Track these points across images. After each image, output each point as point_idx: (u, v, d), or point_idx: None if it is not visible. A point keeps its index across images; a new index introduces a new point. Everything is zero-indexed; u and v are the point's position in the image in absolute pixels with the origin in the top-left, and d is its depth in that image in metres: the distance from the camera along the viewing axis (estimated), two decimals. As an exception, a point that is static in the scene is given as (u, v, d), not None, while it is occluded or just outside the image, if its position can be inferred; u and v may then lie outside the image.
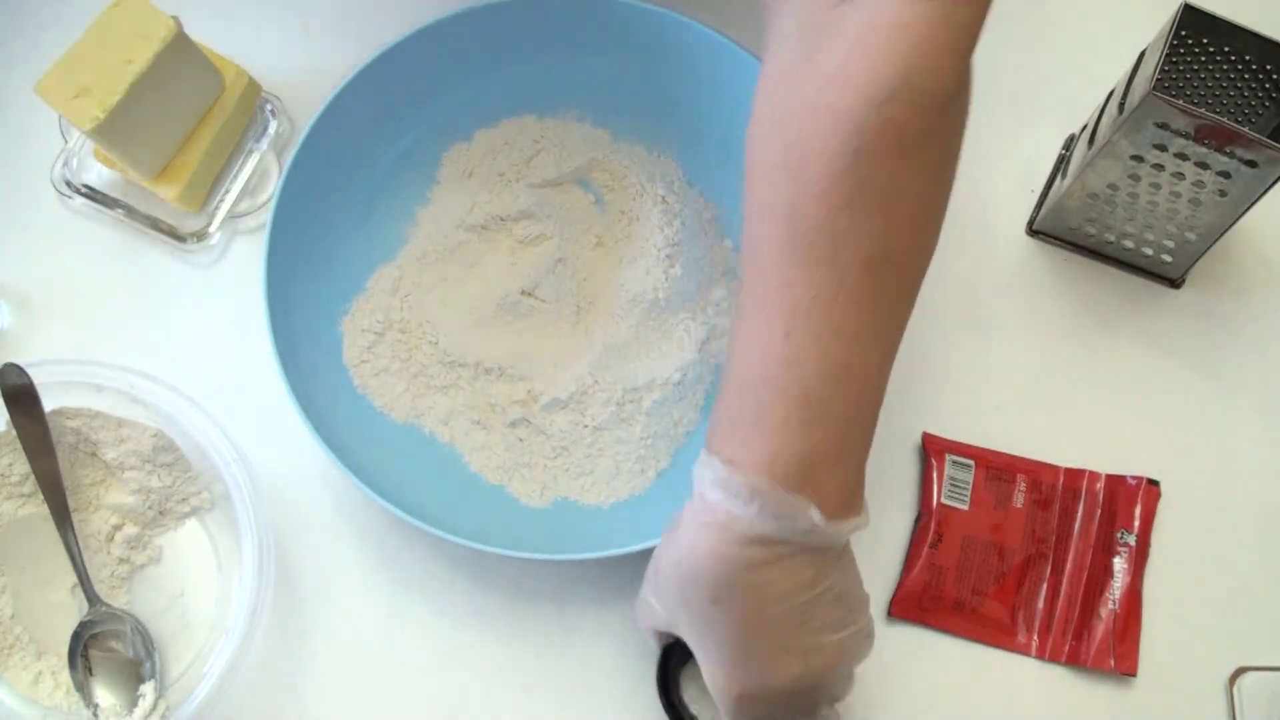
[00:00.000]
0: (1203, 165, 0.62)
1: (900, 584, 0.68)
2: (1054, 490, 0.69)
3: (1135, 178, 0.66)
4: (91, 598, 0.65)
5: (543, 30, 0.69)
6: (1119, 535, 0.68)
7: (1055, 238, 0.74)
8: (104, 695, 0.64)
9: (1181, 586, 0.68)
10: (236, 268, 0.73)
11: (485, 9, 0.68)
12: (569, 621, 0.68)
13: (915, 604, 0.68)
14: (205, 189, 0.72)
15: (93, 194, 0.72)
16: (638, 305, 0.70)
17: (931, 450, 0.70)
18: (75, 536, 0.65)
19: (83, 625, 0.65)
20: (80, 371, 0.66)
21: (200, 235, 0.72)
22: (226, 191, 0.72)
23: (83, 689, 0.64)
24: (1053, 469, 0.70)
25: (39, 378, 0.65)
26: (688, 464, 0.68)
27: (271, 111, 0.73)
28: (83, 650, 0.64)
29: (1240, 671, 0.67)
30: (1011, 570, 0.68)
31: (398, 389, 0.69)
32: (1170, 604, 0.68)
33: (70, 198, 0.72)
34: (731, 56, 0.67)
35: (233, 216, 0.72)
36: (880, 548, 0.69)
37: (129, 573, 0.67)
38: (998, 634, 0.68)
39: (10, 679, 0.65)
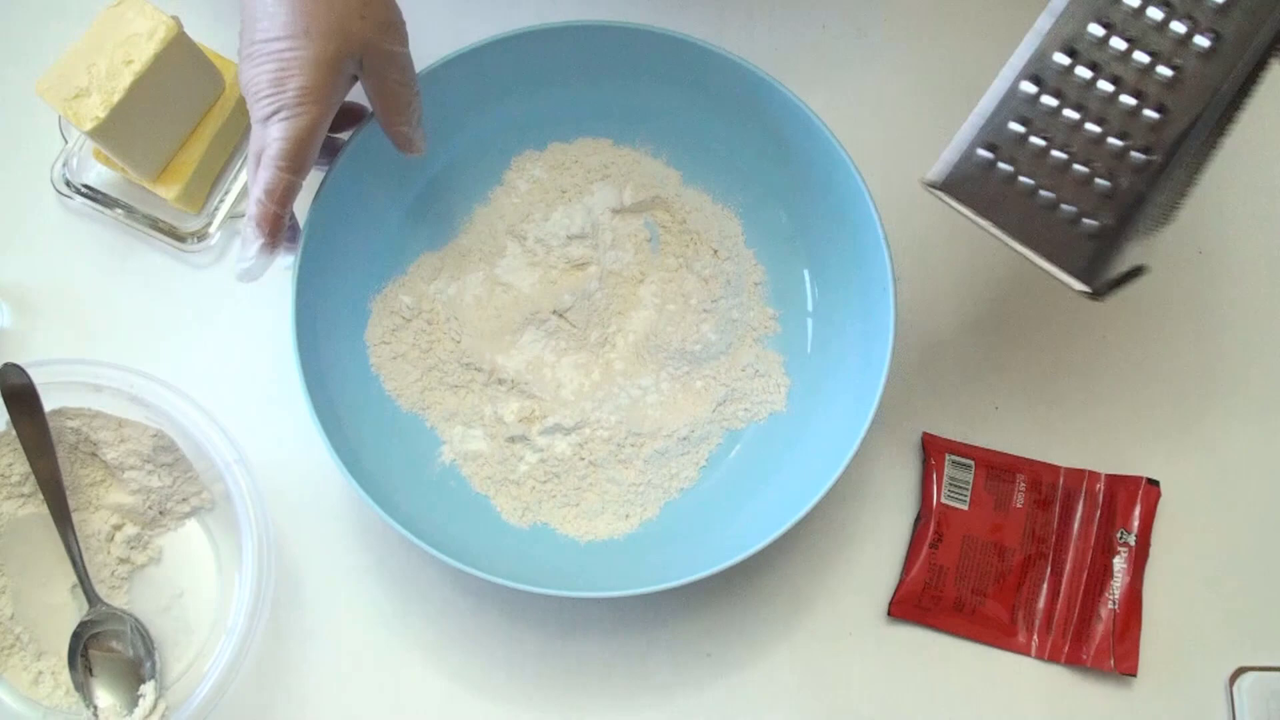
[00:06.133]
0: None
1: (900, 584, 0.68)
2: (1054, 490, 0.69)
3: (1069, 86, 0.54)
4: (91, 598, 0.65)
5: (638, 61, 0.68)
6: (1119, 535, 0.68)
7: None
8: (104, 695, 0.64)
9: (1181, 586, 0.69)
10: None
11: (585, 28, 0.67)
12: (551, 638, 0.68)
13: (915, 604, 0.68)
14: (205, 189, 0.72)
15: (93, 194, 0.72)
16: (663, 352, 0.69)
17: (931, 450, 0.70)
18: (75, 536, 0.65)
19: (83, 625, 0.65)
20: (80, 371, 0.66)
21: (200, 235, 0.72)
22: (226, 191, 0.72)
23: (83, 689, 0.64)
24: (1053, 469, 0.70)
25: (39, 378, 0.65)
26: (675, 518, 0.68)
27: (272, 111, 0.73)
28: (83, 650, 0.64)
29: (1240, 671, 0.67)
30: (1011, 570, 0.68)
31: (410, 377, 0.69)
32: (1170, 604, 0.68)
33: (70, 198, 0.72)
34: (811, 130, 0.66)
35: (232, 216, 0.72)
36: (880, 548, 0.69)
37: (129, 573, 0.67)
38: (998, 634, 0.68)
39: (10, 679, 0.65)
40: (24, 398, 0.65)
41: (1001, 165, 0.54)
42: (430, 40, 0.64)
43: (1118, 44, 0.52)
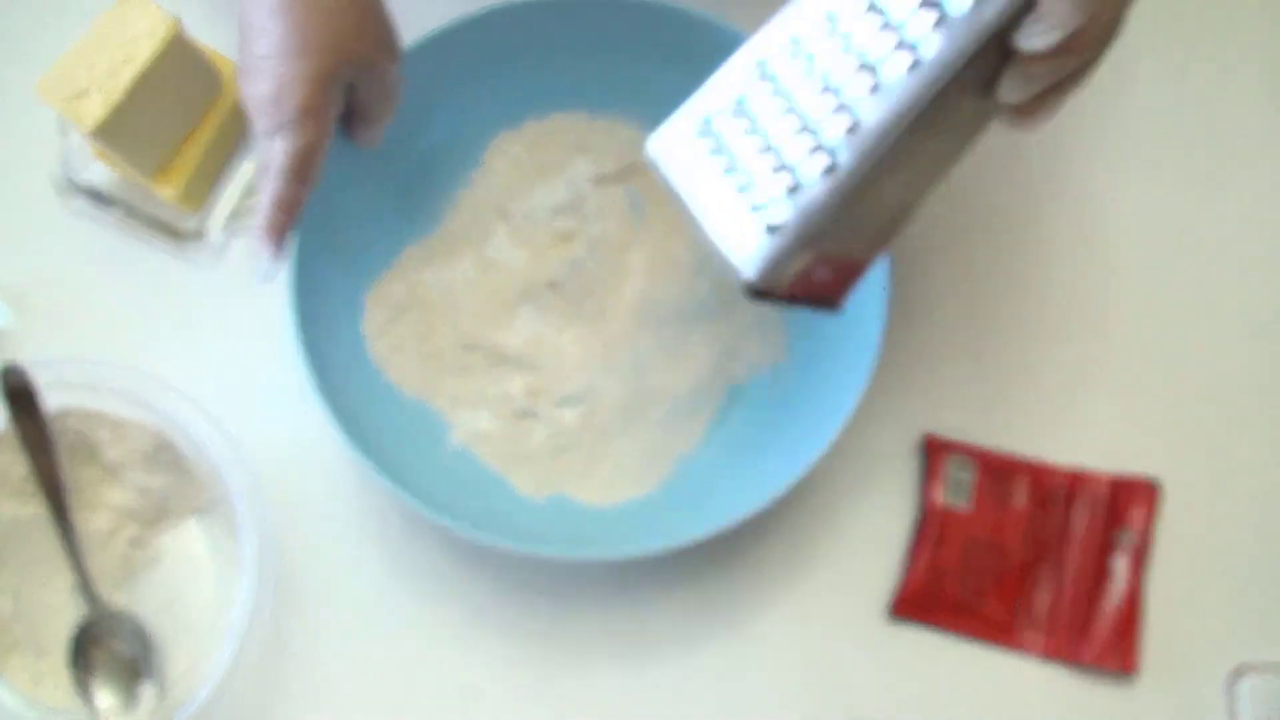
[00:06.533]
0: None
1: (901, 584, 0.68)
2: (1054, 490, 0.69)
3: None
4: (91, 598, 0.65)
5: (607, 30, 0.69)
6: (1119, 535, 0.68)
7: None
8: (104, 695, 0.64)
9: (1182, 586, 0.68)
10: (236, 267, 0.73)
11: (551, 3, 0.67)
12: (564, 619, 0.68)
13: (917, 604, 0.68)
14: (205, 189, 0.72)
15: (93, 194, 0.72)
16: (658, 315, 0.70)
17: (932, 450, 0.70)
18: (75, 536, 0.65)
19: (83, 625, 0.65)
20: (80, 371, 0.66)
21: (200, 235, 0.72)
22: (226, 191, 0.72)
23: (83, 689, 0.64)
24: (1053, 469, 0.70)
25: (39, 378, 0.65)
26: (688, 476, 0.68)
27: (272, 111, 0.73)
28: (83, 650, 0.64)
29: (1240, 671, 0.67)
30: (1012, 570, 0.68)
31: (412, 365, 0.69)
32: (1170, 604, 0.68)
33: (70, 198, 0.72)
34: None
35: (233, 216, 0.72)
36: (880, 548, 0.69)
37: (129, 573, 0.67)
38: (999, 633, 0.68)
39: (10, 679, 0.65)
40: (24, 398, 0.65)
41: (709, 139, 0.53)
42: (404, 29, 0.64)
43: (836, 40, 0.51)
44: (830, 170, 0.51)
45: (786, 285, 0.54)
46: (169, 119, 0.68)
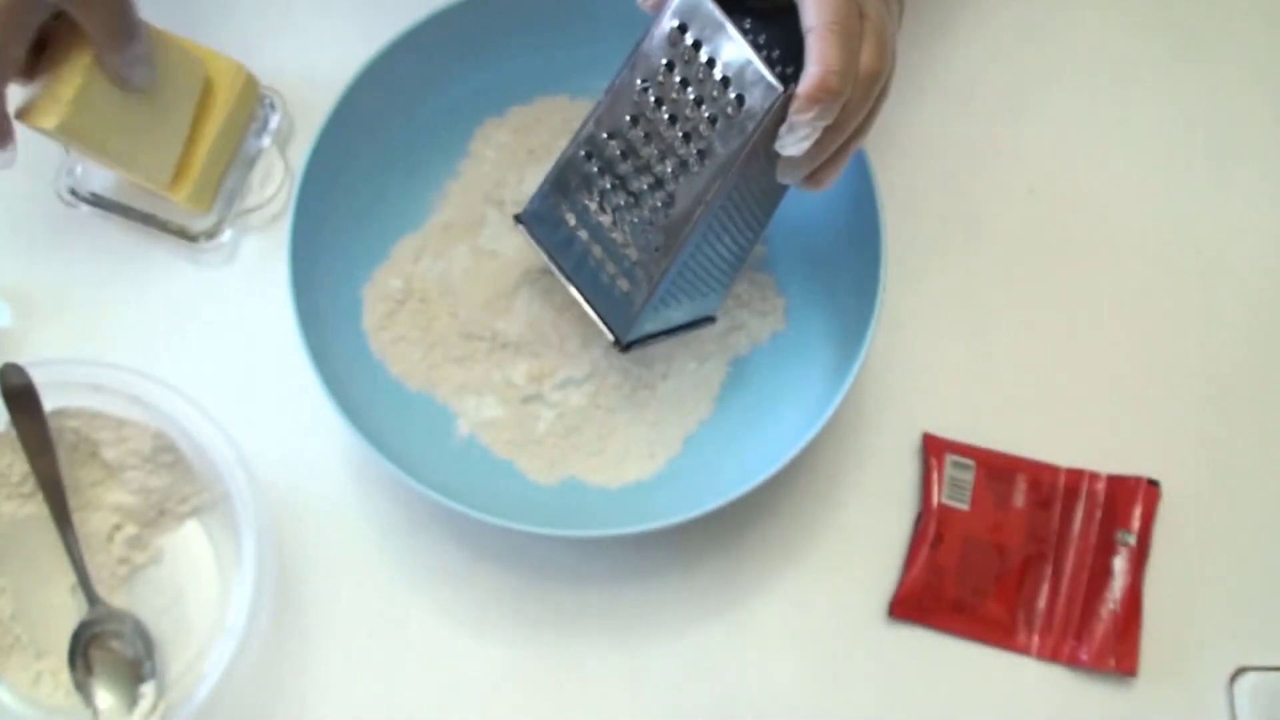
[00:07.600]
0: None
1: (901, 584, 0.68)
2: (1054, 490, 0.69)
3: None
4: (91, 598, 0.65)
5: (584, 9, 0.69)
6: (1119, 535, 0.68)
7: None
8: (104, 695, 0.64)
9: (1181, 586, 0.68)
10: (248, 265, 0.73)
11: None
12: (568, 606, 0.68)
13: (916, 604, 0.68)
14: (213, 188, 0.71)
15: (95, 197, 0.72)
16: None
17: (931, 450, 0.70)
18: (75, 536, 0.65)
19: (83, 625, 0.65)
20: (80, 371, 0.66)
21: (211, 234, 0.71)
22: (234, 189, 0.72)
23: (83, 689, 0.64)
24: (1053, 469, 0.70)
25: (39, 378, 0.65)
26: (699, 452, 0.69)
27: (272, 106, 0.73)
28: (83, 650, 0.64)
29: (1240, 671, 0.67)
30: (1012, 570, 0.68)
31: (414, 357, 0.69)
32: (1170, 604, 0.68)
33: (71, 198, 0.72)
34: None
35: (242, 214, 0.72)
36: (880, 548, 0.69)
37: (129, 573, 0.67)
38: (998, 634, 0.68)
39: (10, 679, 0.65)
40: (24, 398, 0.65)
41: (562, 221, 0.63)
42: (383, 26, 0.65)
43: (637, 132, 0.58)
44: (661, 248, 0.59)
45: (655, 330, 0.64)
46: (160, 117, 0.67)
